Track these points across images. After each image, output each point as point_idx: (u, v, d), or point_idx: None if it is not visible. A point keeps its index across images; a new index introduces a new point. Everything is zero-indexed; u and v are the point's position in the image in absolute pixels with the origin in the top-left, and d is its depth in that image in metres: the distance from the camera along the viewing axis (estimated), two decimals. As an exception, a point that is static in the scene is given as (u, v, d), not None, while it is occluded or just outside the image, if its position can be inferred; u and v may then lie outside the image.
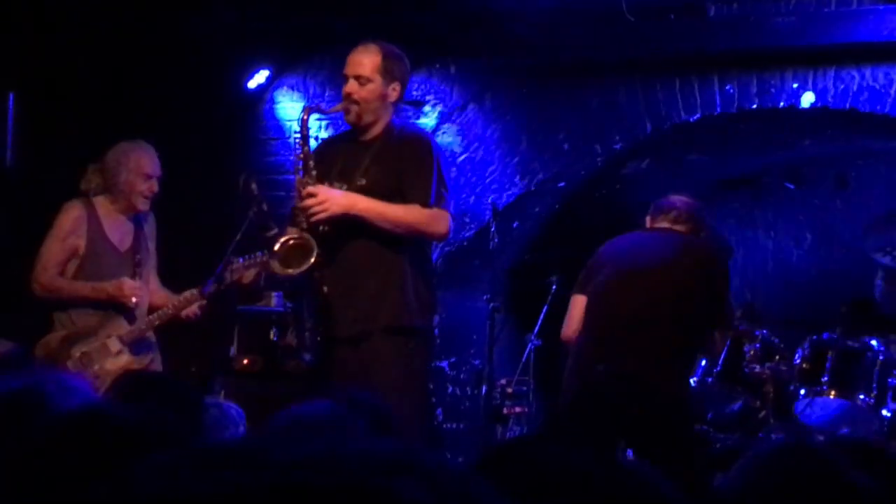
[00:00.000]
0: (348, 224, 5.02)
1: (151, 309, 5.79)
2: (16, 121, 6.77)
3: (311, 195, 5.01)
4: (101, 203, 5.77)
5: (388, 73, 5.13)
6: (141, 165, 5.72)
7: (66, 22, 6.77)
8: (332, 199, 5.02)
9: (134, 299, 5.63)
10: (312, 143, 5.34)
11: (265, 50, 7.39)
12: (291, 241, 5.04)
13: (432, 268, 5.37)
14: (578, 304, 5.41)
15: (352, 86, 5.13)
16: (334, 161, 5.18)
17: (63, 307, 5.69)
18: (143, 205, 5.77)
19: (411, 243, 5.10)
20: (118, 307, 5.69)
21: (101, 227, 5.74)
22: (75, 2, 6.69)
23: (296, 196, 5.09)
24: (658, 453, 4.75)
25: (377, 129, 5.17)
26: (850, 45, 6.41)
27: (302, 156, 5.10)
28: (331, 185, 5.10)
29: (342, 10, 6.79)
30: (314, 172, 5.08)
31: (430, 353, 5.46)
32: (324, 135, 7.01)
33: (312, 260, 4.97)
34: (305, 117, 5.13)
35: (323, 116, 6.98)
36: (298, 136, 5.13)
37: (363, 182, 5.08)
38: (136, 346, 5.72)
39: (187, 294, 5.70)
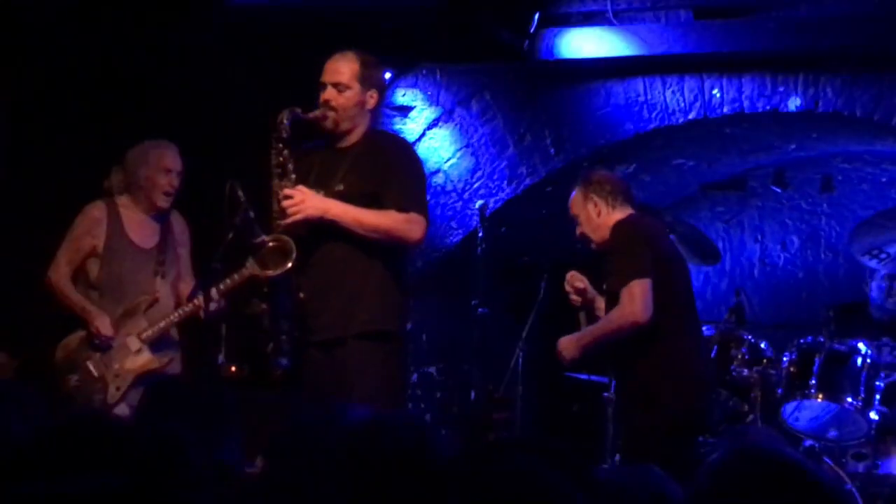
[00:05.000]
0: (324, 229, 5.04)
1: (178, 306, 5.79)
2: (4, 129, 6.76)
3: (288, 197, 5.04)
4: (124, 202, 5.82)
5: (365, 80, 5.17)
6: (161, 160, 5.78)
7: (56, 31, 6.76)
8: (308, 200, 5.05)
9: (101, 339, 5.64)
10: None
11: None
12: (270, 243, 5.07)
13: (407, 273, 5.39)
14: (648, 288, 5.15)
15: (330, 93, 5.16)
16: (311, 167, 5.20)
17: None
18: (163, 201, 5.80)
19: (386, 249, 5.11)
20: (134, 306, 5.73)
21: (121, 226, 5.78)
22: (65, 11, 6.68)
23: (273, 199, 5.10)
24: None
25: (355, 136, 5.20)
26: (835, 50, 6.42)
27: (281, 159, 5.11)
28: None
29: (328, 15, 6.78)
30: (293, 176, 5.10)
31: (405, 357, 5.48)
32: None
33: (290, 263, 4.99)
34: (284, 121, 5.14)
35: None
36: (277, 139, 5.13)
37: (341, 188, 5.11)
38: (156, 344, 5.73)
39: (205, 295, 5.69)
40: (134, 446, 1.84)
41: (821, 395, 5.95)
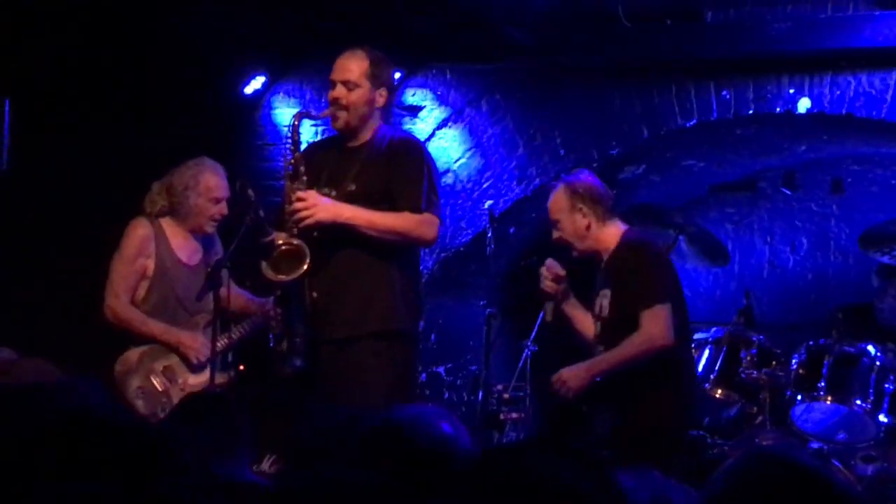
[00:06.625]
0: (337, 230, 5.03)
1: (235, 314, 5.68)
2: (11, 126, 6.76)
3: (301, 199, 5.03)
4: (167, 222, 5.67)
5: (375, 78, 5.16)
6: (210, 189, 5.61)
7: (62, 28, 6.77)
8: (320, 204, 5.04)
9: (200, 358, 5.52)
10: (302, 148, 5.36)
11: (261, 55, 7.38)
12: (284, 247, 5.05)
13: (419, 272, 5.39)
14: (670, 312, 5.05)
15: (339, 91, 5.16)
16: (322, 167, 5.20)
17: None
18: (210, 227, 5.67)
19: (399, 248, 5.11)
20: (193, 323, 5.61)
21: (169, 246, 5.64)
22: (70, 8, 6.68)
23: (285, 201, 5.10)
24: None
25: (366, 135, 5.19)
26: (847, 51, 6.40)
27: (293, 161, 5.12)
28: (319, 190, 5.11)
29: (337, 14, 6.78)
30: (304, 178, 5.09)
31: (416, 356, 5.49)
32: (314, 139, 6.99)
33: (305, 268, 4.98)
34: (296, 122, 5.15)
35: (316, 122, 6.96)
36: (289, 141, 5.14)
37: (353, 188, 5.10)
38: (219, 361, 5.58)
39: (262, 306, 5.58)
40: (121, 446, 1.84)
41: (830, 398, 5.94)
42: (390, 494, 1.95)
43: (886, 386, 5.89)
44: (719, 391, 6.14)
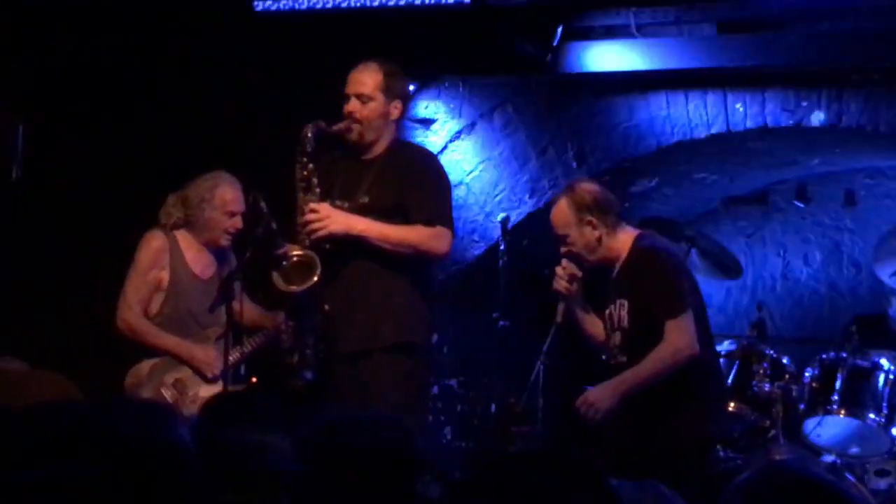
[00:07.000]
0: (350, 243, 5.04)
1: (247, 327, 5.69)
2: (25, 139, 6.80)
3: (313, 211, 5.04)
4: (182, 235, 5.69)
5: (389, 90, 5.17)
6: (225, 203, 5.63)
7: (75, 37, 6.80)
8: (333, 216, 5.06)
9: (214, 372, 5.53)
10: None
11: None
12: (295, 258, 5.07)
13: (432, 286, 5.39)
14: (692, 321, 4.91)
15: (353, 104, 5.17)
16: (335, 179, 5.21)
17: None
18: (225, 241, 5.68)
19: (412, 261, 5.11)
20: (204, 337, 5.63)
21: (183, 258, 5.66)
22: (85, 27, 6.72)
23: (297, 213, 5.11)
24: None
25: (380, 148, 5.20)
26: (858, 65, 6.40)
27: (306, 173, 5.12)
28: (332, 202, 5.12)
29: (352, 28, 6.80)
30: (318, 190, 5.10)
31: (430, 370, 5.48)
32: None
33: (315, 278, 4.99)
34: (309, 134, 5.15)
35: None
36: (301, 153, 5.14)
37: (366, 200, 5.11)
38: (231, 374, 5.59)
39: (274, 319, 5.58)
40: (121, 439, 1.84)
41: (843, 411, 5.93)
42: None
43: (900, 400, 5.88)
44: (732, 405, 6.12)
